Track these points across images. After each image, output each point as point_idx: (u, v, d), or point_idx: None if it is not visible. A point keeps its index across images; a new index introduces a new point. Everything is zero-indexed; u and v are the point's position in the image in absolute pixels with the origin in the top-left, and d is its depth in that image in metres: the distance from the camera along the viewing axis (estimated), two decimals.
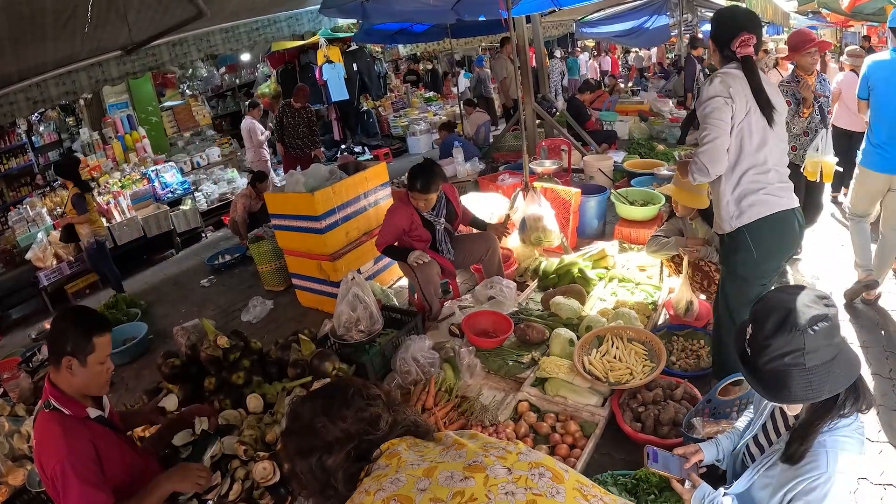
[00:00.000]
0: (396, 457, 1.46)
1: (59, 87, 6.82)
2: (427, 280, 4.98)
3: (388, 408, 1.63)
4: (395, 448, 1.50)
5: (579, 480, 1.43)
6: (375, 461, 1.50)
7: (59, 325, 2.62)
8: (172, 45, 7.42)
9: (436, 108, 16.68)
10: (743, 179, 3.19)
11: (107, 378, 2.73)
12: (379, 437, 1.54)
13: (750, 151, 3.16)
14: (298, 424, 1.61)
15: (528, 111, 9.14)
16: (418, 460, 1.44)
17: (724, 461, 2.59)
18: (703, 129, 3.15)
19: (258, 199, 8.16)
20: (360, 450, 1.52)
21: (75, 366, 2.55)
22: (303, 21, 8.74)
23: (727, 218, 3.28)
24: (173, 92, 13.14)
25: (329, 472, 1.51)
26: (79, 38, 5.66)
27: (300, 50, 13.06)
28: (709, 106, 3.11)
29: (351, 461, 1.51)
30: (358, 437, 1.53)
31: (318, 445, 1.53)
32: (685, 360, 4.11)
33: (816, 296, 1.99)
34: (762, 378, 2.01)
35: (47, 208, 9.11)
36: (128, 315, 6.83)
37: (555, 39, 21.68)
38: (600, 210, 6.73)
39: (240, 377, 4.07)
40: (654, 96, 13.65)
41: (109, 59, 7.03)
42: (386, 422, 1.57)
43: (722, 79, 3.10)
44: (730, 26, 3.16)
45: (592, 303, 4.96)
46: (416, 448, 1.52)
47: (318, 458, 1.52)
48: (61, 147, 11.12)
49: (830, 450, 1.92)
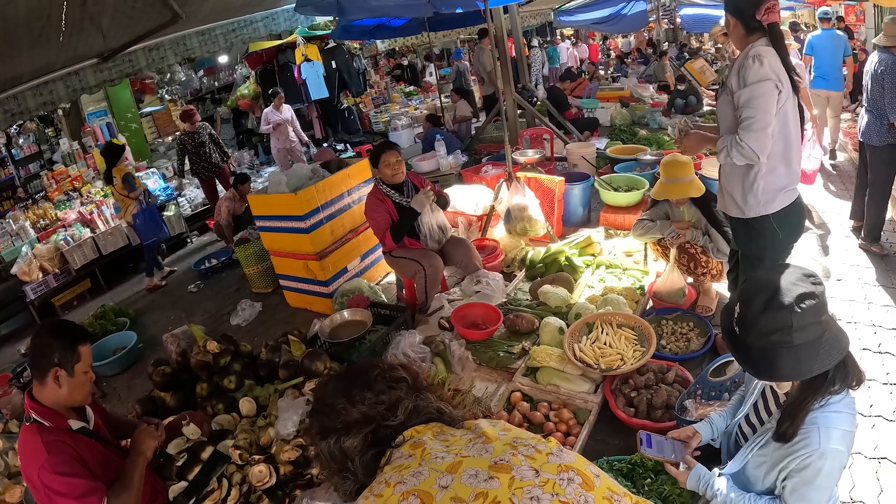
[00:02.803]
0: (421, 447, 1.40)
1: (36, 98, 6.74)
2: (435, 271, 4.90)
3: (412, 392, 1.58)
4: (420, 437, 1.45)
5: (610, 488, 1.35)
6: (398, 448, 1.45)
7: (43, 340, 2.62)
8: (149, 51, 7.34)
9: (416, 101, 16.66)
10: (779, 166, 3.12)
11: (90, 388, 2.75)
12: (396, 423, 1.49)
13: (787, 136, 3.08)
14: (321, 404, 1.60)
15: (509, 101, 9.12)
16: (443, 452, 1.38)
17: (718, 440, 2.60)
18: (751, 112, 2.97)
19: (242, 202, 8.11)
20: (377, 435, 1.48)
21: (63, 376, 2.56)
22: (279, 20, 8.67)
23: (754, 204, 3.19)
24: (152, 97, 13.05)
25: (347, 454, 1.48)
26: (54, 48, 5.60)
27: (278, 49, 12.96)
28: (758, 89, 2.94)
29: (369, 445, 1.48)
30: (376, 421, 1.49)
31: (337, 426, 1.51)
32: (675, 343, 4.13)
33: (803, 274, 1.99)
34: (750, 356, 2.01)
35: (30, 221, 9.02)
36: (116, 325, 6.78)
37: (533, 29, 21.67)
38: (584, 197, 6.74)
39: (231, 381, 4.06)
40: (635, 82, 13.69)
41: (86, 68, 6.94)
42: (405, 409, 1.52)
43: (769, 60, 2.94)
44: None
45: (581, 290, 4.97)
46: (443, 437, 1.47)
47: (337, 439, 1.49)
48: (41, 159, 11.02)
49: (822, 426, 1.92)
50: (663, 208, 4.68)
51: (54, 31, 5.04)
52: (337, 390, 1.57)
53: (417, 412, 1.53)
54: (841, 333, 1.97)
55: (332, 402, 1.54)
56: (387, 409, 1.50)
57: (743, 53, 3.04)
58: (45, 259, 8.22)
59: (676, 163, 4.39)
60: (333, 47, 13.57)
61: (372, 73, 18.12)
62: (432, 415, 1.56)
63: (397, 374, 1.61)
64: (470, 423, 1.55)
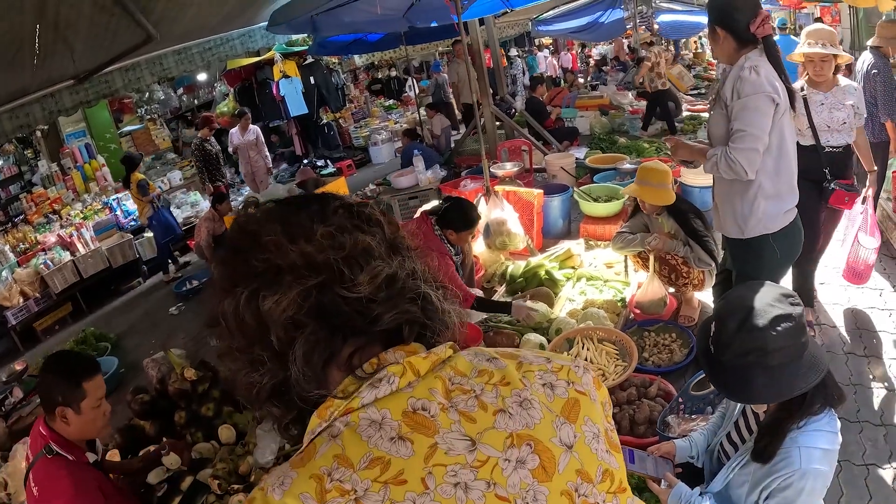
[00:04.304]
0: (427, 432, 0.86)
1: (12, 120, 6.69)
2: None
3: (391, 252, 0.97)
4: (423, 401, 0.88)
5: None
6: (372, 384, 0.88)
7: (46, 378, 2.61)
8: (125, 71, 7.31)
9: (396, 115, 16.67)
10: (777, 183, 3.02)
11: (104, 421, 2.71)
12: (356, 298, 0.89)
13: (786, 151, 3.00)
14: (238, 236, 0.97)
15: (487, 114, 9.13)
16: (467, 470, 0.84)
17: (699, 458, 2.59)
18: (743, 126, 2.87)
19: (222, 222, 8.06)
20: (323, 305, 0.88)
21: (70, 415, 2.54)
22: (256, 38, 8.67)
23: (755, 224, 3.09)
24: (131, 117, 12.95)
25: (266, 321, 0.88)
26: (28, 71, 5.57)
27: (256, 66, 12.96)
28: (753, 101, 2.83)
29: (312, 317, 0.88)
30: (324, 275, 0.88)
31: (257, 270, 0.89)
32: (658, 355, 4.12)
33: (781, 294, 1.98)
34: (725, 378, 2.01)
35: (10, 245, 8.92)
36: (97, 349, 6.69)
37: (512, 39, 21.75)
38: (564, 209, 6.75)
39: (209, 409, 4.02)
40: (614, 89, 13.73)
41: (62, 90, 6.91)
42: (375, 273, 0.91)
43: (765, 71, 2.86)
44: (749, 6, 2.89)
45: (561, 304, 4.96)
46: (464, 406, 0.89)
47: (254, 291, 0.88)
48: (21, 180, 10.88)
49: (803, 446, 1.92)
50: (642, 220, 4.68)
51: (28, 55, 5.00)
52: (270, 216, 0.97)
53: (394, 291, 0.93)
54: (820, 354, 1.96)
55: (257, 231, 0.94)
56: (345, 262, 0.89)
57: (738, 65, 2.93)
58: (26, 283, 8.13)
59: (655, 169, 4.36)
60: (311, 63, 13.55)
61: (351, 88, 18.12)
62: (416, 314, 0.95)
63: (372, 215, 1.01)
64: (488, 372, 0.95)
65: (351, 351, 0.91)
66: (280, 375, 0.90)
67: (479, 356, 0.97)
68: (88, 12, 4.66)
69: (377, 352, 0.92)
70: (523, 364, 0.97)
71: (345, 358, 0.91)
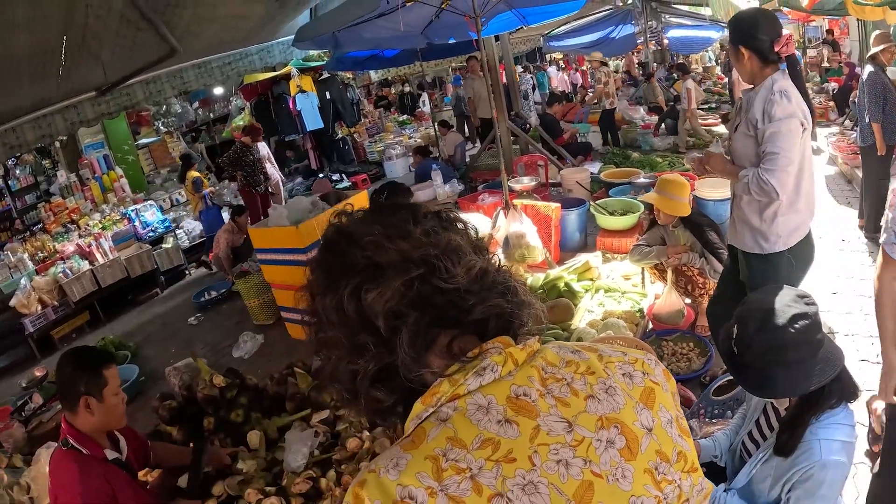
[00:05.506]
0: (530, 415, 0.95)
1: (35, 131, 6.80)
2: None
3: (476, 251, 1.07)
4: (522, 388, 0.97)
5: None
6: (475, 371, 0.96)
7: (67, 370, 2.68)
8: (147, 84, 7.41)
9: (410, 130, 16.80)
10: (798, 201, 3.09)
11: (123, 408, 2.80)
12: (454, 289, 0.97)
13: (807, 170, 3.07)
14: (336, 238, 1.05)
15: (503, 129, 9.22)
16: (567, 448, 0.93)
17: (722, 457, 2.65)
18: (776, 150, 2.91)
19: (240, 234, 8.15)
20: (423, 296, 0.95)
21: (94, 404, 2.61)
22: (274, 53, 8.77)
23: (775, 240, 3.14)
24: (148, 129, 13.10)
25: (368, 313, 0.96)
26: (53, 82, 5.66)
27: (273, 81, 13.08)
28: (786, 125, 2.89)
29: (408, 306, 0.95)
30: (424, 267, 0.96)
31: (358, 267, 0.97)
32: (676, 363, 4.19)
33: (797, 295, 2.10)
34: (748, 375, 2.13)
35: (28, 253, 9.04)
36: (118, 358, 6.76)
37: (523, 55, 21.86)
38: (581, 223, 6.83)
39: (238, 415, 4.07)
40: (626, 104, 13.79)
41: (84, 101, 7.01)
42: (469, 266, 1.00)
43: (795, 96, 2.92)
44: (773, 26, 2.95)
45: (581, 315, 5.01)
46: (559, 391, 0.98)
47: (356, 287, 0.96)
48: (38, 190, 11.09)
49: (823, 438, 1.99)
50: (658, 232, 4.76)
51: (54, 66, 5.10)
52: (366, 220, 1.06)
53: (486, 284, 1.02)
54: (836, 350, 2.07)
55: (356, 233, 1.02)
56: (442, 254, 0.98)
57: (765, 87, 2.98)
58: (44, 291, 8.23)
59: (675, 181, 4.51)
60: (327, 78, 13.69)
61: (365, 104, 18.25)
62: (505, 307, 1.03)
63: (455, 218, 1.12)
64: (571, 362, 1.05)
65: (448, 340, 0.99)
66: (386, 359, 0.97)
67: (563, 349, 1.07)
68: (115, 26, 4.75)
69: (471, 341, 1.01)
70: (603, 356, 1.07)
71: (443, 345, 0.99)
